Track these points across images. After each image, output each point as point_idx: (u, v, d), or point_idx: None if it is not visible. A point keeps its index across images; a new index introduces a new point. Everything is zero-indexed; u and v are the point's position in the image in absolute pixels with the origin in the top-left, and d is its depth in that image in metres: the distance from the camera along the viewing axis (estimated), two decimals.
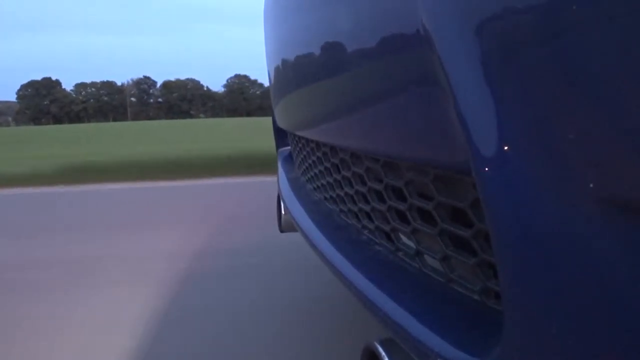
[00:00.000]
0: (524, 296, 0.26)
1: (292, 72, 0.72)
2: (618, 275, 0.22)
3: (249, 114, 68.84)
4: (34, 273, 1.48)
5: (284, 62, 0.77)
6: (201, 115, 72.64)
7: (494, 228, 0.27)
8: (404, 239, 0.50)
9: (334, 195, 0.70)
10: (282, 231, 1.07)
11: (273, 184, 1.32)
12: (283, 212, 1.01)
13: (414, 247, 0.47)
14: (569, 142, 0.23)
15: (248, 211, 2.27)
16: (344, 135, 0.56)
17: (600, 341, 0.23)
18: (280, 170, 1.12)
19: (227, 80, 79.17)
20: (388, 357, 0.40)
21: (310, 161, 0.84)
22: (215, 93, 78.54)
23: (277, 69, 0.87)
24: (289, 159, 1.17)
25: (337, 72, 0.51)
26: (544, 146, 0.24)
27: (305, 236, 0.69)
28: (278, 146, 1.26)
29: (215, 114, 70.44)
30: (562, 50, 0.22)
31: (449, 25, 0.29)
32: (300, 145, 0.93)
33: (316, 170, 0.80)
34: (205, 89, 78.53)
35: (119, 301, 1.23)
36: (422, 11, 0.32)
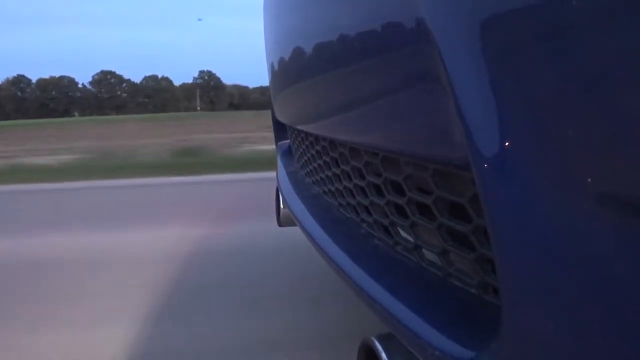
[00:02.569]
0: (522, 291, 0.26)
1: (292, 66, 0.72)
2: (615, 271, 0.22)
3: (117, 112, 65.20)
4: None
5: (284, 56, 0.77)
6: (75, 113, 67.26)
7: (493, 223, 0.27)
8: (402, 233, 0.50)
9: (333, 189, 0.70)
10: (280, 225, 1.07)
11: None
12: (282, 206, 1.01)
13: (413, 241, 0.47)
14: (568, 139, 0.23)
15: None
16: (343, 129, 0.56)
17: (597, 337, 0.23)
18: (279, 163, 1.12)
19: (93, 77, 73.47)
20: (385, 351, 0.40)
21: (309, 155, 0.84)
22: (90, 90, 72.97)
23: (276, 63, 0.86)
24: (287, 152, 1.17)
25: (337, 67, 0.51)
26: (542, 142, 0.24)
27: (304, 230, 0.69)
28: (277, 140, 1.26)
29: (91, 113, 65.28)
30: (563, 47, 0.22)
31: (449, 21, 0.29)
32: (299, 139, 0.93)
33: (315, 164, 0.80)
34: (80, 85, 73.33)
35: None
36: (423, 7, 0.31)
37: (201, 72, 76.09)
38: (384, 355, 0.40)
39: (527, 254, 0.25)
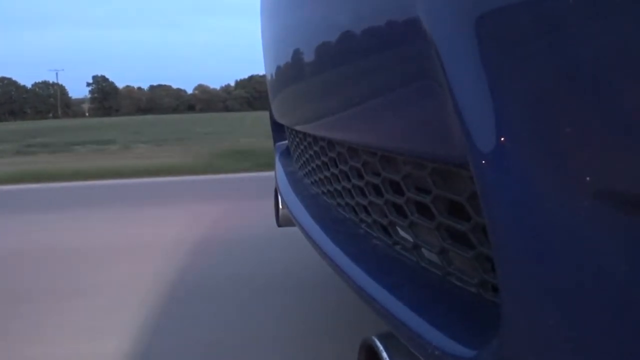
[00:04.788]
0: (521, 289, 0.26)
1: (290, 67, 0.72)
2: (615, 268, 0.22)
3: (15, 118, 60.81)
4: None
5: (282, 56, 0.77)
6: None
7: (491, 221, 0.27)
8: (401, 232, 0.50)
9: (332, 189, 0.70)
10: (279, 225, 1.06)
11: None
12: (280, 206, 1.01)
13: (412, 240, 0.47)
14: (566, 136, 0.23)
15: None
16: (341, 129, 0.56)
17: (597, 334, 0.23)
18: (278, 164, 1.12)
19: None
20: (386, 351, 0.40)
21: (307, 155, 0.84)
22: None
23: (274, 64, 0.86)
24: (286, 153, 1.17)
25: (334, 67, 0.51)
26: (541, 139, 0.24)
27: (303, 230, 0.69)
28: (275, 140, 1.26)
29: None
30: (560, 44, 0.22)
31: (447, 19, 0.29)
32: (297, 139, 0.93)
33: (314, 165, 0.80)
34: None
35: None
36: (420, 5, 0.31)
37: (95, 77, 71.69)
38: (384, 354, 0.40)
39: (526, 252, 0.25)
